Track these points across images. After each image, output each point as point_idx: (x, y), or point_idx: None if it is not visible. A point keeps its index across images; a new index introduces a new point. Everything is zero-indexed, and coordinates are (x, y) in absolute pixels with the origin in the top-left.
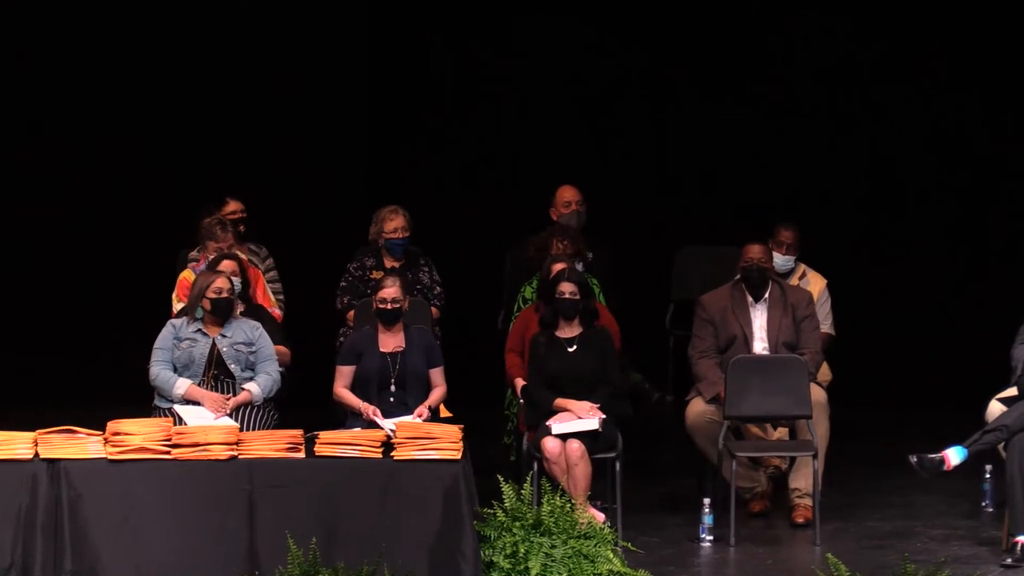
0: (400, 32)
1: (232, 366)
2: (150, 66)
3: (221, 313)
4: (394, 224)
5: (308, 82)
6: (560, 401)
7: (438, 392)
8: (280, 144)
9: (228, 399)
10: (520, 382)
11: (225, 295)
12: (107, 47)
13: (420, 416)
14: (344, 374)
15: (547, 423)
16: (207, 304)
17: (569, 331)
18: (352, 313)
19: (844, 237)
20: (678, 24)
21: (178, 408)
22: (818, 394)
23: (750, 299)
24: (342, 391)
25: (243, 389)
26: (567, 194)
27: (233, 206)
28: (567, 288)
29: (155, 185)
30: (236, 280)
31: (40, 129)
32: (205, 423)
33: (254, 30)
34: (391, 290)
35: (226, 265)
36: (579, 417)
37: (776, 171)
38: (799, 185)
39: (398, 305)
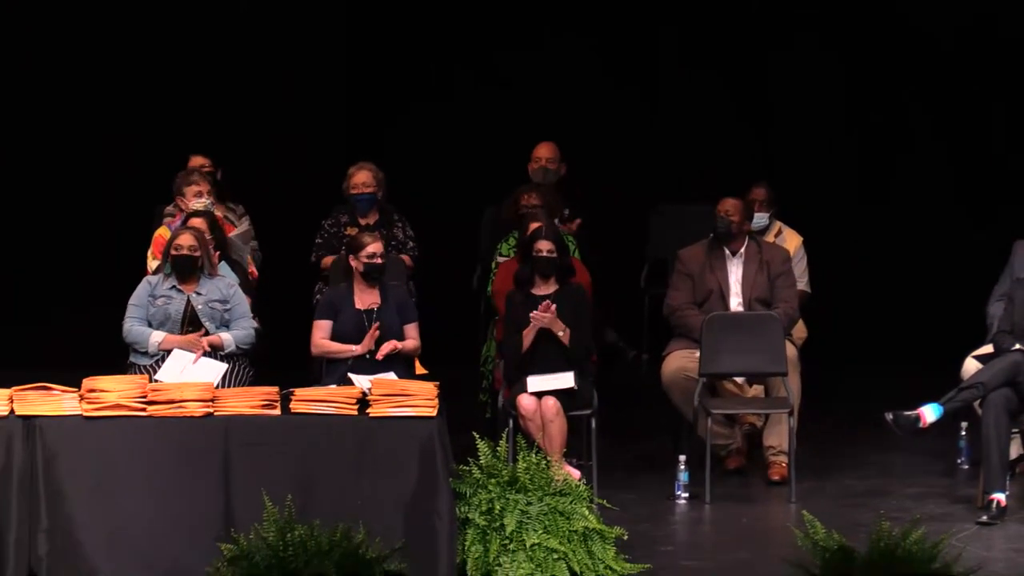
0: None
1: (207, 323)
2: (123, 24)
3: (180, 270)
4: (358, 179)
5: (285, 36)
6: (533, 314)
7: (412, 343)
8: (256, 101)
9: (201, 335)
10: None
11: (185, 252)
12: (74, 6)
13: (395, 348)
14: (322, 328)
15: (523, 380)
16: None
17: (545, 288)
18: (328, 260)
19: (821, 195)
20: None
21: (159, 375)
22: (790, 351)
23: (727, 254)
24: (323, 341)
25: (216, 335)
26: (540, 151)
27: (199, 160)
28: (544, 246)
29: (130, 143)
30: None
31: (14, 90)
32: (187, 377)
33: None
34: (375, 245)
35: (193, 222)
36: (546, 316)
37: (752, 129)
38: (776, 143)
39: (384, 260)
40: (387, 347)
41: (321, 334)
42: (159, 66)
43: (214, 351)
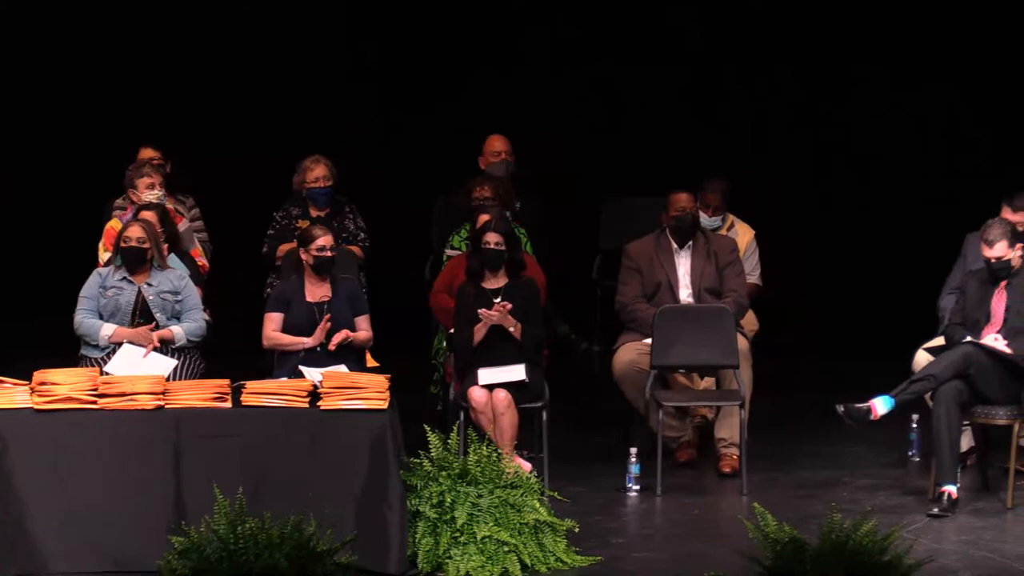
0: None
1: (157, 314)
2: (74, 14)
3: (129, 262)
4: (316, 173)
5: (235, 26)
6: (483, 312)
7: (363, 335)
8: (207, 94)
9: (152, 328)
10: (446, 302)
11: (134, 244)
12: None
13: (347, 337)
14: (273, 320)
15: (475, 372)
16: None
17: (495, 282)
18: (282, 248)
19: (773, 189)
20: None
21: (109, 367)
22: (741, 344)
23: (675, 246)
24: (274, 334)
25: (167, 328)
26: (496, 143)
27: (149, 152)
28: (492, 238)
29: (81, 137)
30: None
31: None
32: (137, 371)
33: None
34: (325, 238)
35: (143, 215)
36: (495, 314)
37: (705, 124)
38: (729, 137)
39: (334, 253)
40: (339, 336)
41: (272, 327)
42: (110, 59)
43: (165, 345)
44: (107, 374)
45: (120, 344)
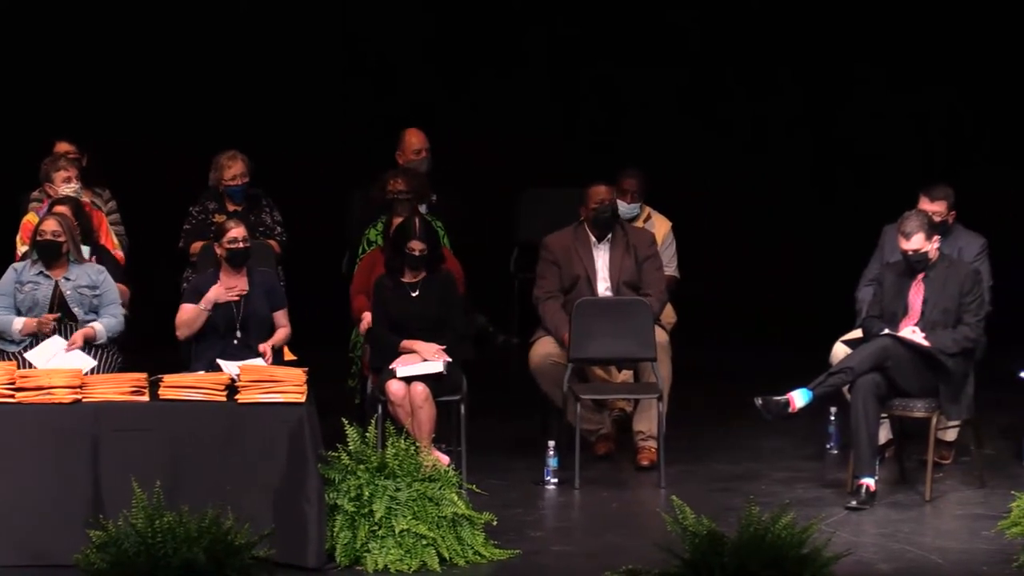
0: None
1: (75, 308)
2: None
3: (45, 255)
4: (233, 171)
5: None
6: (407, 343)
7: (281, 333)
8: (122, 85)
9: (55, 318)
10: (367, 320)
11: (49, 237)
12: None
13: (263, 353)
14: (188, 310)
15: (391, 366)
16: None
17: (413, 276)
18: (197, 245)
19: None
20: None
21: (29, 355)
22: (660, 336)
23: (593, 240)
24: (180, 318)
25: (89, 326)
26: (415, 140)
27: (65, 147)
28: (416, 246)
29: None
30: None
31: None
32: (56, 364)
33: None
34: (237, 231)
35: (58, 208)
36: (425, 359)
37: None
38: (646, 128)
39: (247, 245)
40: (263, 350)
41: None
42: (30, 53)
43: (88, 343)
44: (27, 364)
45: (35, 336)
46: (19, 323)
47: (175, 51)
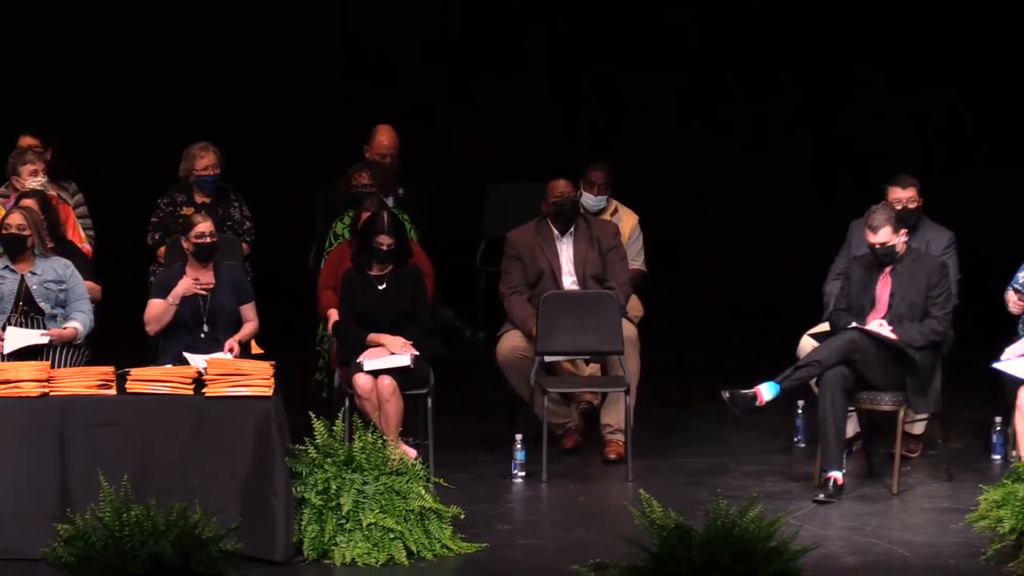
0: None
1: (42, 303)
2: None
3: (9, 250)
4: (205, 162)
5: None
6: (373, 336)
7: (249, 327)
8: (90, 77)
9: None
10: (334, 317)
11: (14, 231)
12: None
13: (231, 350)
14: (156, 305)
15: (358, 359)
16: None
17: (380, 269)
18: (163, 250)
19: (657, 173)
20: None
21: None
22: (629, 330)
23: (556, 233)
24: (151, 313)
25: (67, 326)
26: (385, 143)
27: (29, 141)
28: (384, 241)
29: None
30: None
31: None
32: (30, 340)
33: None
34: (205, 225)
35: (24, 202)
36: (392, 352)
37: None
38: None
39: (214, 239)
40: (230, 346)
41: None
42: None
43: (65, 343)
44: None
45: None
46: None
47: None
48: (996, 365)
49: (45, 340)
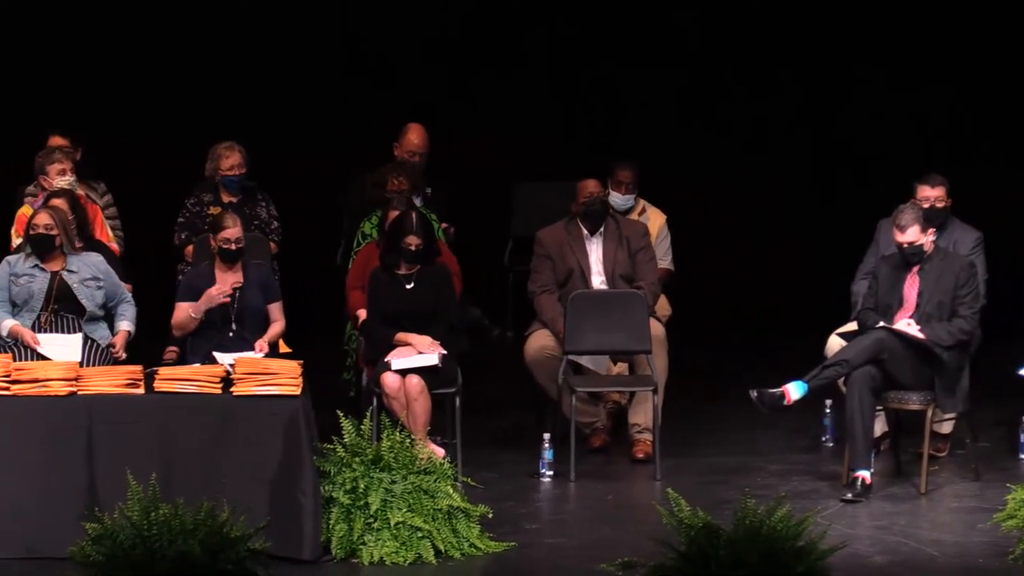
0: None
1: (85, 302)
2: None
3: (37, 249)
4: (231, 161)
5: (156, 19)
6: (401, 335)
7: (277, 327)
8: (123, 83)
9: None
10: (362, 316)
11: (41, 231)
12: None
13: (260, 350)
14: (183, 309)
15: (386, 358)
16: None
17: (407, 269)
18: (190, 248)
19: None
20: None
21: (41, 349)
22: (656, 329)
23: (585, 233)
24: (179, 317)
25: (120, 329)
26: (415, 141)
27: (59, 140)
28: (412, 241)
29: None
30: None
31: None
32: (67, 355)
33: None
34: (233, 230)
35: (52, 202)
36: (420, 352)
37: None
38: (646, 128)
39: (241, 245)
40: (260, 347)
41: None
42: (23, 45)
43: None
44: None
45: (15, 339)
46: (5, 328)
47: (176, 50)
48: (1023, 372)
49: (78, 357)
